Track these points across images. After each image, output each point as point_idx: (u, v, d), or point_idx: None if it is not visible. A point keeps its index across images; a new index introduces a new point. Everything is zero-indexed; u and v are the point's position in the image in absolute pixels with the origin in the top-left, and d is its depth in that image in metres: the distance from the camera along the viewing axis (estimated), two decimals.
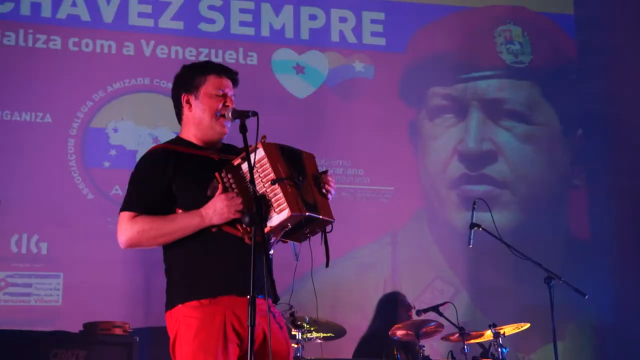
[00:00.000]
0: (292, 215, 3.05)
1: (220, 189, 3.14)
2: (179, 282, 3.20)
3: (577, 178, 7.63)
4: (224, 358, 3.08)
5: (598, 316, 7.13)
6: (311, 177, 3.22)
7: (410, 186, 7.33)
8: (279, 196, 3.07)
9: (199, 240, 3.18)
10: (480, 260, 6.87)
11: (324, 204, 3.20)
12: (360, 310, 6.62)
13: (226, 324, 3.10)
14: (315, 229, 3.22)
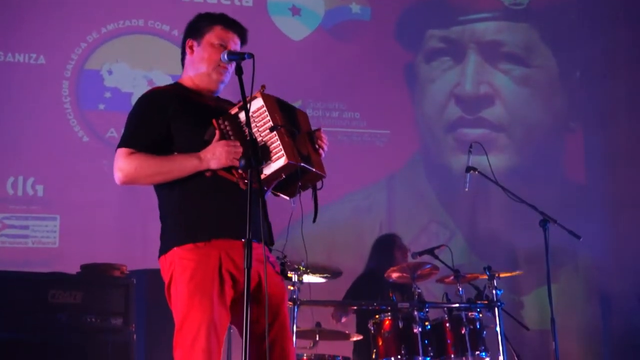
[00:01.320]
0: (288, 163, 3.06)
1: (218, 135, 3.15)
2: (174, 227, 3.21)
3: (574, 121, 7.62)
4: (219, 300, 3.10)
5: (592, 258, 7.19)
6: (305, 132, 3.25)
7: (407, 130, 7.32)
8: (276, 144, 3.08)
9: (193, 184, 3.19)
10: (475, 204, 6.90)
11: (317, 159, 3.24)
12: (355, 252, 6.65)
13: (222, 266, 3.12)
14: (307, 183, 3.24)
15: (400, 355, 5.00)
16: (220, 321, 3.10)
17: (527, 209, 5.28)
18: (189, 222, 3.18)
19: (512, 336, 5.48)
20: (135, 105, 3.30)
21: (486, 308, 5.19)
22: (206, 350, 3.06)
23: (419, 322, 5.06)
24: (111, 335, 4.79)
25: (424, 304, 5.15)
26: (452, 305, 5.22)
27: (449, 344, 5.12)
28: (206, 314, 3.07)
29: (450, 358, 5.12)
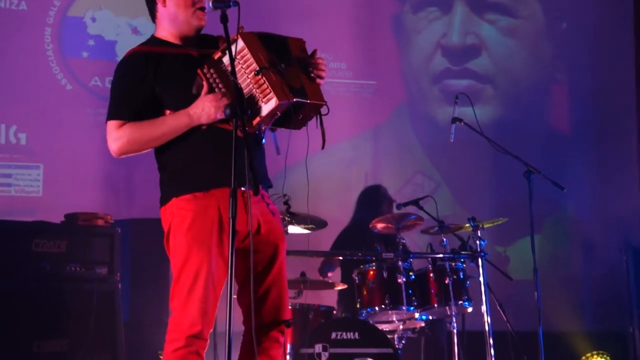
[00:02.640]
0: (279, 103, 3.02)
1: (206, 86, 3.11)
2: (172, 177, 3.19)
3: (560, 73, 7.61)
4: (218, 250, 3.10)
5: (575, 209, 7.23)
6: (297, 61, 3.16)
7: (393, 80, 7.29)
8: (264, 86, 3.04)
9: (190, 136, 3.16)
10: (461, 155, 6.90)
11: (312, 88, 3.15)
12: (341, 203, 6.67)
13: (221, 216, 3.11)
14: (308, 113, 3.19)
15: (384, 304, 5.04)
16: (218, 272, 3.10)
17: (512, 160, 5.29)
18: (186, 173, 3.17)
19: (495, 286, 5.53)
20: (115, 73, 3.24)
21: (470, 258, 5.23)
22: (203, 299, 3.07)
23: (403, 273, 5.09)
24: (96, 284, 4.80)
25: (408, 255, 5.18)
26: (436, 255, 5.26)
27: (432, 293, 5.16)
28: (204, 265, 3.08)
29: (434, 308, 5.17)
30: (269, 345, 3.17)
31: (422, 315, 5.21)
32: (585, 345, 6.70)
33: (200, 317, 3.05)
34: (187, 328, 3.05)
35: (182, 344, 3.05)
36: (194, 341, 3.06)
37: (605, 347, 6.70)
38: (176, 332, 3.07)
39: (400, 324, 5.23)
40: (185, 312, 3.06)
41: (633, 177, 7.28)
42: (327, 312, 5.22)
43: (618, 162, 7.33)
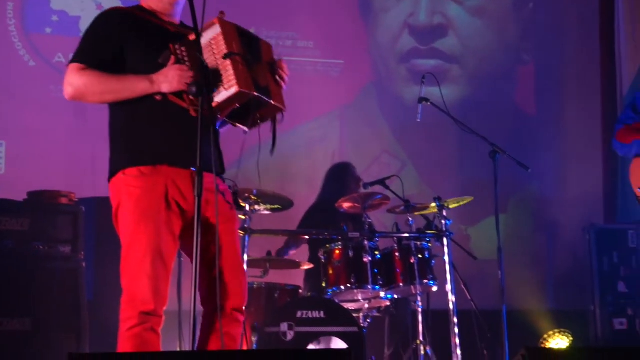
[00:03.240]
0: (240, 91, 3.02)
1: (173, 59, 3.11)
2: (121, 148, 3.20)
3: (526, 53, 7.64)
4: (166, 228, 3.10)
5: (539, 189, 7.30)
6: (266, 63, 3.20)
7: (360, 60, 7.28)
8: (229, 72, 3.04)
9: (143, 107, 3.16)
10: (427, 135, 6.92)
11: (276, 90, 3.20)
12: (308, 182, 6.67)
13: (168, 195, 3.11)
14: (265, 114, 3.21)
15: (350, 283, 5.05)
16: (167, 248, 3.11)
17: (477, 140, 5.32)
18: (134, 145, 3.17)
19: (459, 265, 5.57)
20: (92, 22, 3.26)
21: (435, 238, 5.26)
22: (152, 276, 3.07)
23: (369, 252, 5.11)
24: (59, 262, 4.77)
25: (374, 234, 5.20)
26: (401, 235, 5.28)
27: (398, 273, 5.19)
28: (152, 241, 3.08)
29: (399, 287, 5.20)
30: (228, 325, 3.18)
31: (387, 294, 5.23)
32: (548, 324, 6.78)
33: (152, 294, 3.05)
34: (140, 305, 3.05)
35: (136, 321, 3.05)
36: (149, 318, 3.06)
37: (567, 325, 6.78)
38: (129, 311, 3.07)
39: (365, 302, 5.25)
40: (137, 290, 3.06)
41: (597, 157, 7.35)
42: (293, 291, 5.22)
43: (582, 142, 7.40)
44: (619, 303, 6.60)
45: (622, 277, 6.64)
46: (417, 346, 5.17)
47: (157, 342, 3.10)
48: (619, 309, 6.59)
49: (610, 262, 6.66)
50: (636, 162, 4.25)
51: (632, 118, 4.29)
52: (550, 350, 3.78)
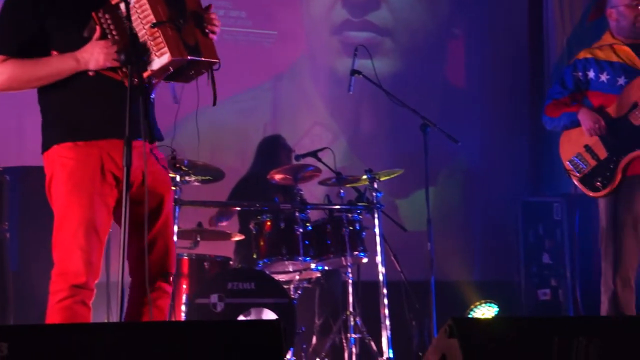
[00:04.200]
0: (172, 59, 2.98)
1: (98, 31, 3.02)
2: (54, 123, 3.11)
3: (457, 27, 7.70)
4: (101, 200, 3.05)
5: (469, 162, 7.40)
6: (192, 16, 3.11)
7: (293, 31, 7.24)
8: (159, 40, 2.98)
9: (76, 82, 3.07)
10: (359, 107, 6.95)
11: (206, 44, 3.12)
12: (239, 154, 6.64)
13: (103, 166, 3.06)
14: (199, 70, 3.16)
15: (281, 255, 5.07)
16: (101, 221, 3.06)
17: (409, 113, 5.36)
18: (69, 120, 3.08)
19: (390, 237, 5.63)
20: (4, 4, 3.10)
21: (366, 210, 5.29)
22: (85, 249, 3.02)
23: (300, 223, 5.12)
24: None
25: (305, 206, 5.21)
26: (333, 207, 5.31)
27: (329, 244, 5.22)
28: (85, 213, 3.02)
29: (330, 258, 5.23)
30: (156, 296, 3.15)
31: (318, 266, 5.26)
32: (475, 294, 6.90)
33: (85, 267, 3.01)
34: (72, 278, 3.00)
35: (67, 294, 3.00)
36: (79, 291, 3.01)
37: (494, 296, 6.91)
38: (60, 283, 3.01)
39: (296, 274, 5.27)
40: (69, 263, 3.01)
41: (524, 131, 7.47)
42: (224, 262, 5.21)
43: (511, 116, 7.51)
44: (544, 274, 6.76)
45: (546, 248, 6.79)
46: (346, 317, 5.21)
47: (88, 315, 3.06)
48: (543, 280, 6.75)
49: (536, 234, 6.81)
50: (565, 136, 4.33)
51: (561, 93, 4.36)
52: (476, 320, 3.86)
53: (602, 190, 4.16)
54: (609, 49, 4.25)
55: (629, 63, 4.20)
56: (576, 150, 4.24)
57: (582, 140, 4.22)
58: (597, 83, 4.24)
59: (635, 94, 4.12)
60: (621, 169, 4.11)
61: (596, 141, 4.19)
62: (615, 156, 4.13)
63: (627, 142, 4.11)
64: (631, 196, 4.10)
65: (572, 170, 4.25)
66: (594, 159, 4.19)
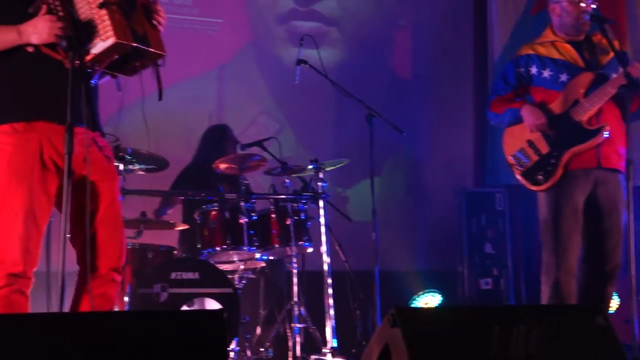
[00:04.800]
0: (117, 42, 2.93)
1: (44, 9, 2.97)
2: None
3: (403, 18, 7.73)
4: (40, 187, 3.01)
5: (413, 153, 7.44)
6: (141, 7, 3.09)
7: (239, 19, 7.19)
8: (105, 22, 2.94)
9: (14, 60, 3.03)
10: (305, 97, 6.93)
11: (154, 36, 3.09)
12: (184, 143, 6.57)
13: (43, 153, 3.01)
14: (145, 62, 3.12)
15: (226, 245, 5.05)
16: (40, 209, 3.02)
17: (354, 103, 5.37)
18: (6, 100, 3.03)
19: (335, 227, 5.64)
20: None
21: (311, 200, 5.30)
22: (23, 237, 2.97)
23: (245, 213, 5.11)
24: None
25: (250, 195, 5.20)
26: (278, 196, 5.30)
27: (274, 234, 5.21)
28: (24, 201, 2.98)
29: (275, 248, 5.23)
30: (105, 285, 3.12)
31: (262, 256, 5.25)
32: (419, 284, 6.97)
33: (22, 255, 2.96)
34: (9, 267, 2.96)
35: (4, 282, 2.96)
36: (17, 280, 2.97)
37: (437, 285, 6.99)
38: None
39: (241, 264, 5.25)
40: (6, 251, 2.97)
41: (468, 122, 7.54)
42: (167, 252, 5.17)
43: (455, 107, 7.57)
44: (486, 264, 6.85)
45: (489, 238, 6.88)
46: (291, 307, 5.22)
47: (25, 304, 3.02)
48: (485, 270, 6.84)
49: (478, 224, 6.90)
50: (509, 131, 4.39)
51: (504, 89, 4.42)
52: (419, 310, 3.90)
53: (543, 184, 4.22)
54: (551, 46, 4.30)
55: (570, 60, 4.26)
56: (519, 145, 4.30)
57: (524, 135, 4.28)
58: (540, 79, 4.29)
59: (576, 91, 4.19)
60: (562, 164, 4.17)
61: (538, 136, 4.25)
62: (557, 151, 4.19)
63: (568, 137, 4.18)
64: (571, 189, 4.17)
65: (515, 164, 4.31)
66: (536, 154, 4.25)
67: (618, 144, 4.20)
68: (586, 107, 4.15)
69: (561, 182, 4.18)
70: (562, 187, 4.17)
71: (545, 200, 4.23)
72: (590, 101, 4.14)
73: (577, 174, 4.17)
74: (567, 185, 4.16)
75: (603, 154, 4.17)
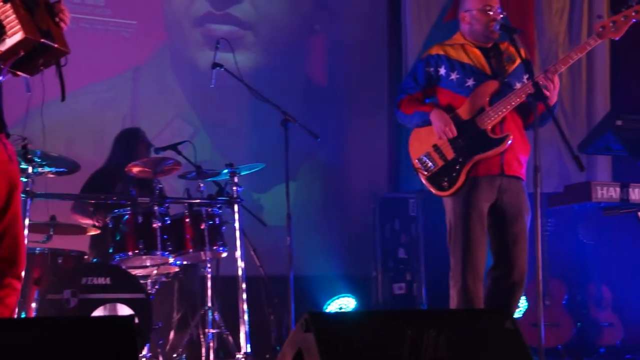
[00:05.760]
0: (25, 37, 2.86)
1: None
2: None
3: (319, 23, 7.76)
4: None
5: (328, 158, 7.47)
6: (43, 5, 3.02)
7: (154, 21, 7.11)
8: (10, 18, 2.86)
9: None
10: (221, 101, 6.90)
11: (58, 33, 3.03)
12: (96, 145, 6.47)
13: None
14: (49, 60, 3.05)
15: (138, 249, 4.98)
16: None
17: (270, 108, 5.37)
18: None
19: (250, 232, 5.63)
20: None
21: (226, 204, 5.27)
22: None
23: (158, 217, 5.05)
24: None
25: (164, 199, 5.15)
26: (192, 200, 5.26)
27: (187, 239, 5.17)
28: None
29: (189, 253, 5.19)
30: (4, 293, 3.04)
31: (176, 260, 5.20)
32: (333, 289, 7.00)
33: None
34: None
35: None
36: None
37: (352, 290, 7.04)
38: None
39: (154, 269, 5.19)
40: None
41: (382, 128, 7.61)
42: (78, 257, 5.07)
43: (370, 113, 7.63)
44: (399, 269, 6.93)
45: (402, 244, 6.97)
46: (205, 312, 5.18)
47: None
48: (399, 275, 6.93)
49: (392, 229, 6.98)
50: (415, 134, 4.42)
51: (413, 88, 4.44)
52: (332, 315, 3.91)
53: (447, 190, 4.27)
54: (461, 49, 4.37)
55: (478, 66, 4.33)
56: (425, 149, 4.34)
57: (431, 139, 4.32)
58: (447, 81, 4.34)
59: (482, 99, 4.25)
60: (466, 171, 4.23)
61: (445, 142, 4.29)
62: (461, 157, 4.25)
63: (473, 145, 4.24)
64: (477, 195, 4.22)
65: (420, 168, 4.35)
66: (441, 159, 4.30)
67: (519, 152, 4.30)
68: (491, 115, 4.22)
69: (466, 188, 4.23)
70: (467, 193, 4.22)
71: (452, 206, 4.28)
72: (495, 110, 4.22)
73: (482, 181, 4.24)
74: (472, 192, 4.22)
75: (506, 161, 4.25)
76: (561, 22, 7.73)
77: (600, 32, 4.18)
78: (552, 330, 6.32)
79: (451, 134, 4.23)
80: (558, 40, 7.69)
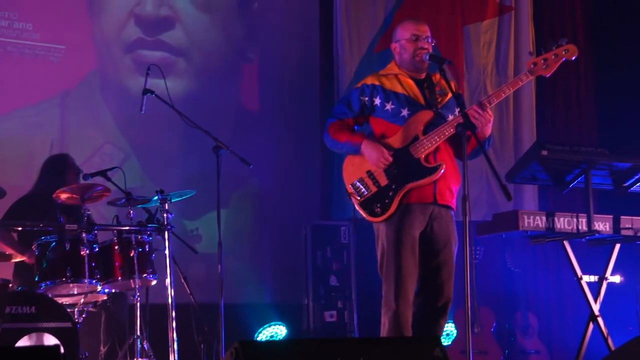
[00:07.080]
0: None
1: None
2: None
3: (251, 51, 7.77)
4: None
5: (261, 185, 7.47)
6: None
7: (83, 46, 7.03)
8: None
9: None
10: (151, 127, 6.85)
11: None
12: (23, 171, 6.35)
13: None
14: None
15: (65, 277, 4.89)
16: None
17: (202, 135, 5.34)
18: None
19: (180, 259, 5.57)
20: None
21: (156, 231, 5.22)
22: None
23: (86, 244, 4.97)
24: None
25: (92, 226, 5.07)
26: (122, 228, 5.18)
27: (117, 266, 5.10)
28: None
29: (118, 281, 5.11)
30: None
31: (104, 288, 5.12)
32: (264, 316, 6.97)
33: None
34: None
35: None
36: None
37: (283, 318, 7.02)
38: None
39: (81, 297, 5.09)
40: None
41: (315, 156, 7.64)
42: (2, 285, 4.95)
43: (302, 140, 7.66)
44: (330, 296, 6.95)
45: (334, 271, 6.99)
46: (133, 341, 5.10)
47: None
48: (330, 302, 6.94)
49: (324, 256, 6.99)
50: (349, 159, 4.45)
51: (345, 114, 4.47)
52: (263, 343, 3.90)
53: (379, 216, 4.30)
54: (395, 79, 4.42)
55: (412, 96, 4.38)
56: (359, 175, 4.37)
57: (365, 165, 4.35)
58: (382, 111, 4.39)
59: (416, 128, 4.31)
60: (399, 198, 4.27)
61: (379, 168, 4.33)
62: (395, 184, 4.29)
63: (407, 172, 4.28)
64: (409, 222, 4.26)
65: (353, 193, 4.37)
66: (375, 185, 4.33)
67: (451, 181, 4.36)
68: (425, 144, 4.28)
69: (399, 215, 4.27)
70: (400, 220, 4.26)
71: (385, 232, 4.31)
72: (429, 139, 4.28)
73: (415, 208, 4.28)
74: (405, 219, 4.26)
75: (439, 190, 4.31)
76: (489, 54, 7.90)
77: (532, 69, 4.28)
78: (481, 357, 6.39)
79: (387, 162, 4.26)
80: (486, 72, 7.86)
